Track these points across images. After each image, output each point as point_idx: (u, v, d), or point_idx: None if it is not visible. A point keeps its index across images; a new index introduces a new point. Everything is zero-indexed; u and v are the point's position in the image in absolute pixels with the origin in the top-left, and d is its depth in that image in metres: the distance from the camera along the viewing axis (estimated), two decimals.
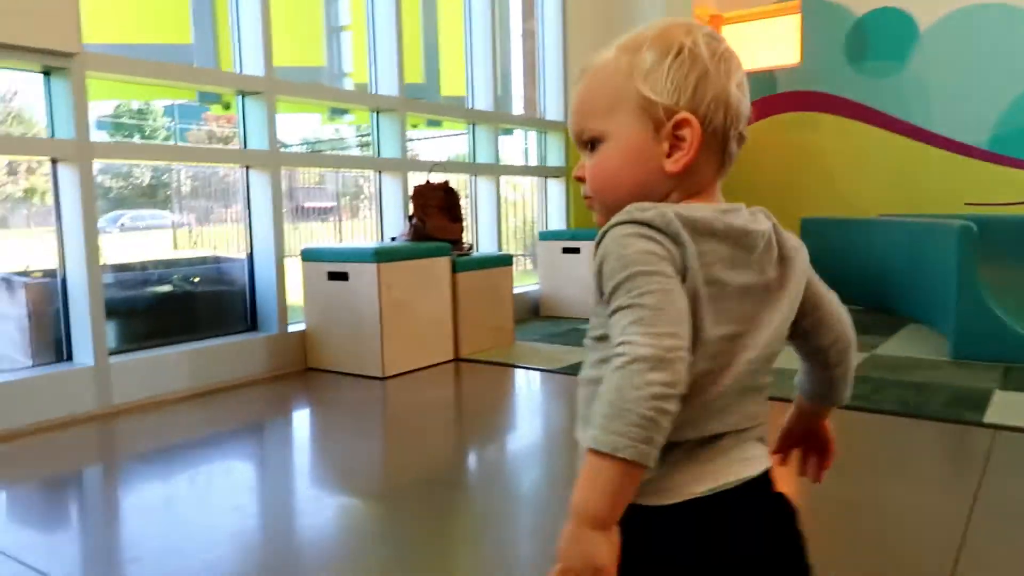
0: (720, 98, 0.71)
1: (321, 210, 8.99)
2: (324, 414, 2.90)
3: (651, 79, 0.71)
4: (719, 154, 0.74)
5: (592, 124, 0.75)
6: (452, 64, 4.74)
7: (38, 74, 2.72)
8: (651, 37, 0.73)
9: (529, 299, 4.85)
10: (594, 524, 0.61)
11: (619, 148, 0.73)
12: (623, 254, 0.66)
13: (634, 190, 0.73)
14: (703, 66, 0.71)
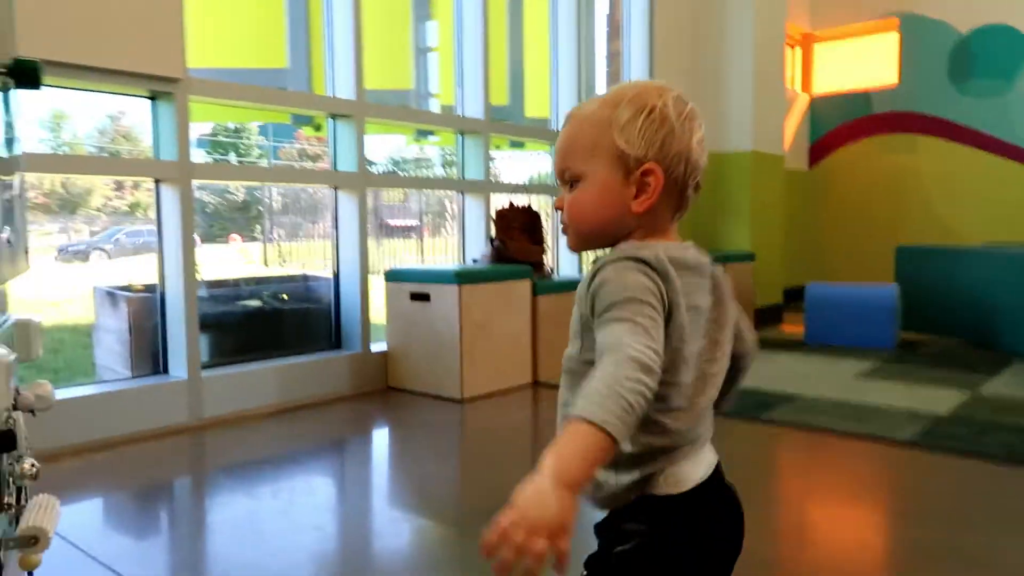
0: (682, 153, 0.84)
1: (404, 228, 9.16)
2: (403, 435, 2.92)
3: (625, 132, 0.84)
4: (677, 200, 0.87)
5: (573, 165, 0.87)
6: (536, 86, 4.76)
7: (146, 98, 2.87)
8: (629, 96, 0.85)
9: None
10: (569, 485, 0.67)
11: (594, 188, 0.86)
12: (624, 282, 0.78)
13: (603, 224, 0.87)
14: (670, 125, 0.84)
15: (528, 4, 4.63)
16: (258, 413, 3.02)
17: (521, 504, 0.67)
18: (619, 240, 0.88)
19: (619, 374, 0.70)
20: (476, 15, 4.01)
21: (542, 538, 0.64)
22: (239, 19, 3.36)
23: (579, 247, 0.92)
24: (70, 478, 2.28)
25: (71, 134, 9.07)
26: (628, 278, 0.78)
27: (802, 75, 6.90)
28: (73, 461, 2.42)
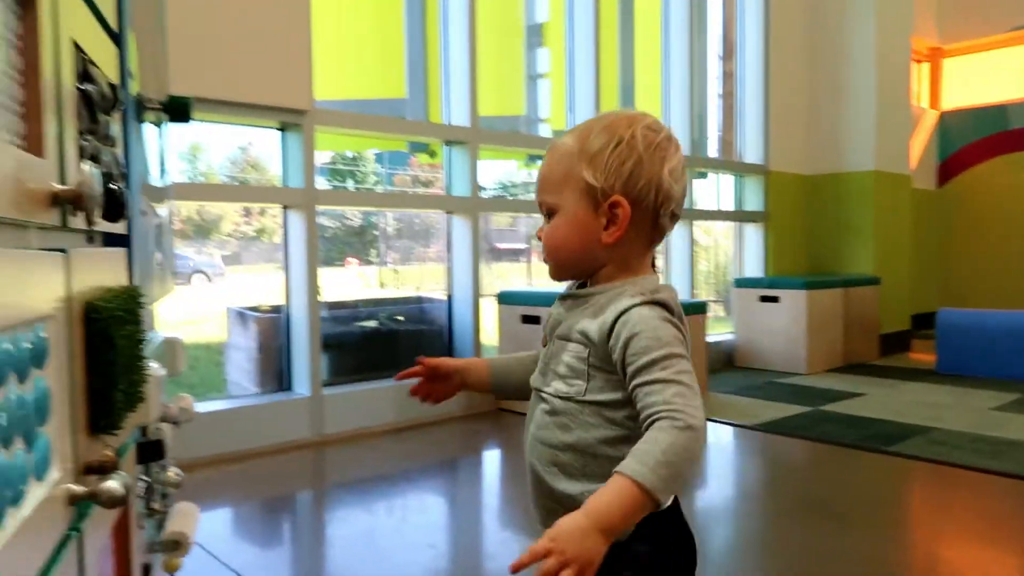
0: (652, 182, 0.85)
1: (513, 251, 9.27)
2: (514, 455, 2.93)
3: (593, 165, 0.86)
4: (650, 230, 0.89)
5: (548, 197, 0.90)
6: (648, 107, 4.73)
7: (276, 129, 3.04)
8: (598, 128, 0.87)
9: (722, 348, 4.66)
10: (606, 533, 0.72)
11: (567, 219, 0.88)
12: (658, 335, 0.81)
13: (578, 254, 0.89)
14: (638, 155, 0.85)
15: (639, 26, 4.63)
16: (375, 431, 3.11)
17: (559, 536, 0.72)
18: (595, 270, 0.90)
19: (679, 444, 0.75)
20: (587, 40, 4.04)
21: (572, 571, 0.70)
22: (361, 52, 3.52)
23: (558, 277, 0.94)
24: (204, 488, 2.42)
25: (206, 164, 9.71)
26: (661, 330, 0.82)
27: (930, 91, 6.54)
28: (207, 471, 2.57)
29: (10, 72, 0.51)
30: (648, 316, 0.82)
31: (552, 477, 0.89)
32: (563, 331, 0.91)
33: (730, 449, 2.99)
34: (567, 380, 0.88)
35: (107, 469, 0.63)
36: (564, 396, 0.88)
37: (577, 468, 0.87)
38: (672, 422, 0.76)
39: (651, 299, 0.83)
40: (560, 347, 0.90)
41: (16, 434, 0.47)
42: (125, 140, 0.87)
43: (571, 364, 0.87)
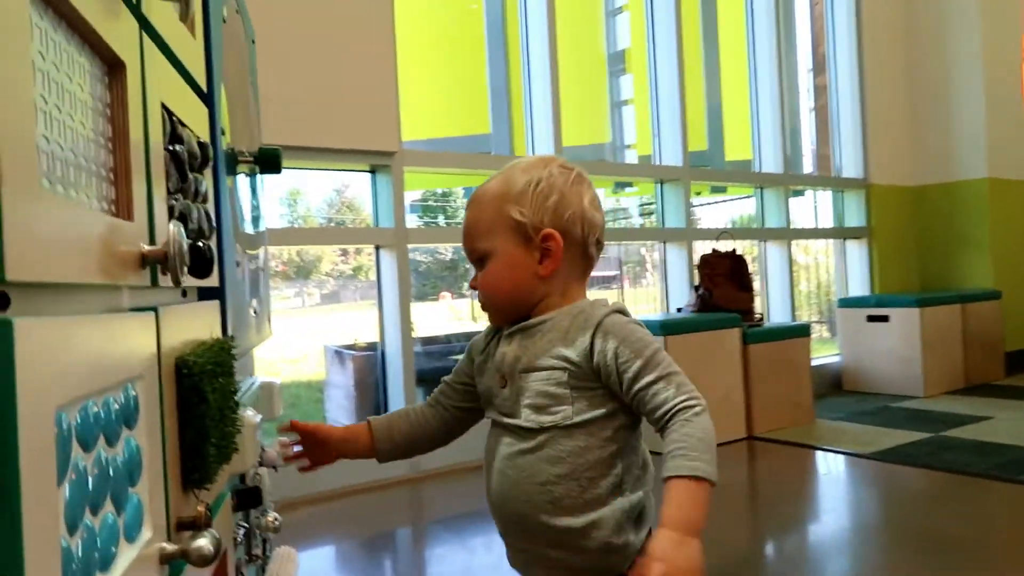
0: (576, 214, 0.92)
1: (604, 279, 9.19)
2: None
3: (520, 203, 0.90)
4: (581, 260, 0.94)
5: (479, 244, 0.93)
6: (736, 127, 4.61)
7: (366, 172, 3.13)
8: (516, 172, 0.93)
9: (828, 372, 4.44)
10: (695, 533, 0.78)
11: (502, 261, 0.92)
12: (637, 337, 0.88)
13: (516, 293, 0.93)
14: (559, 191, 0.91)
15: (724, 45, 4.54)
16: (471, 466, 3.10)
17: (665, 556, 0.76)
18: (535, 306, 0.93)
19: (708, 427, 0.84)
20: (670, 64, 3.99)
21: None
22: (446, 92, 3.60)
23: (500, 320, 0.97)
24: (305, 526, 2.46)
25: (304, 208, 10.13)
26: (638, 332, 0.88)
27: None
28: (308, 510, 2.62)
29: (100, 140, 0.53)
30: (621, 322, 0.88)
31: (550, 516, 0.88)
32: (525, 364, 0.91)
33: (843, 480, 2.82)
34: (547, 410, 0.88)
35: (200, 525, 0.63)
36: (550, 425, 0.88)
37: (575, 497, 0.87)
38: (691, 411, 0.84)
39: (614, 309, 0.90)
40: (527, 380, 0.90)
41: (105, 498, 0.47)
42: (216, 195, 0.89)
43: (548, 392, 0.89)
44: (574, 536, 0.87)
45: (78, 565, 0.42)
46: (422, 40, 3.48)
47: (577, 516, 0.87)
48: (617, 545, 0.89)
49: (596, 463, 0.88)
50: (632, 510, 0.90)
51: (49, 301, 0.44)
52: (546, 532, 0.89)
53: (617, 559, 0.90)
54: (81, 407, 0.44)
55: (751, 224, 4.72)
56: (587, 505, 0.88)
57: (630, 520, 0.90)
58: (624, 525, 0.89)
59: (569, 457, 0.88)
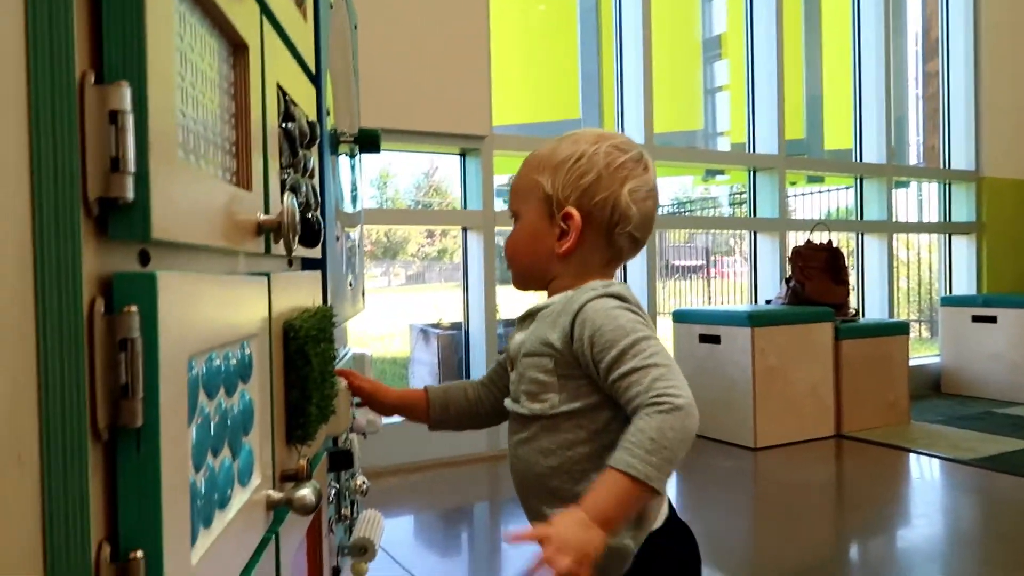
0: (608, 200, 0.86)
1: (689, 268, 9.03)
2: (691, 481, 2.84)
3: (554, 175, 0.87)
4: (605, 248, 0.88)
5: (514, 203, 0.92)
6: (837, 116, 4.45)
7: (456, 155, 3.18)
8: (567, 142, 0.89)
9: (927, 373, 4.25)
10: (603, 525, 0.72)
11: (525, 228, 0.91)
12: (618, 324, 0.80)
13: (532, 262, 0.91)
14: (597, 172, 0.86)
15: (827, 29, 4.37)
16: None
17: (559, 524, 0.71)
18: (550, 282, 0.90)
19: (665, 427, 0.74)
20: (769, 49, 3.87)
21: (569, 558, 0.69)
22: (537, 77, 3.61)
23: (518, 285, 0.95)
24: (389, 495, 2.55)
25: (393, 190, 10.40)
26: (621, 318, 0.80)
27: None
28: (391, 480, 2.71)
29: (224, 116, 0.57)
30: (604, 307, 0.81)
31: (549, 508, 0.83)
32: (526, 348, 0.88)
33: (940, 486, 2.71)
34: (538, 397, 0.85)
35: (301, 478, 0.68)
36: (539, 414, 0.85)
37: (568, 491, 0.83)
38: (657, 407, 0.75)
39: (603, 293, 0.83)
40: (525, 366, 0.87)
41: (223, 443, 0.51)
42: (321, 172, 0.94)
43: (538, 379, 0.85)
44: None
45: (202, 501, 0.46)
46: (515, 25, 3.50)
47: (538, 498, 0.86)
48: (613, 548, 0.80)
49: (587, 457, 0.83)
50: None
51: (180, 261, 0.49)
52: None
53: (614, 563, 0.82)
54: (207, 358, 0.48)
55: (849, 216, 4.55)
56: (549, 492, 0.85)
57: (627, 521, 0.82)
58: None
59: (559, 449, 0.84)
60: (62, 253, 0.36)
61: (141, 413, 0.37)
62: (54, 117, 0.35)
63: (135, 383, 0.37)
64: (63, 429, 0.36)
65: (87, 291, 0.36)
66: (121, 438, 0.38)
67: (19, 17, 0.35)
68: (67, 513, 0.36)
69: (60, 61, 0.35)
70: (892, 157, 4.30)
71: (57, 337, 0.36)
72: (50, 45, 0.35)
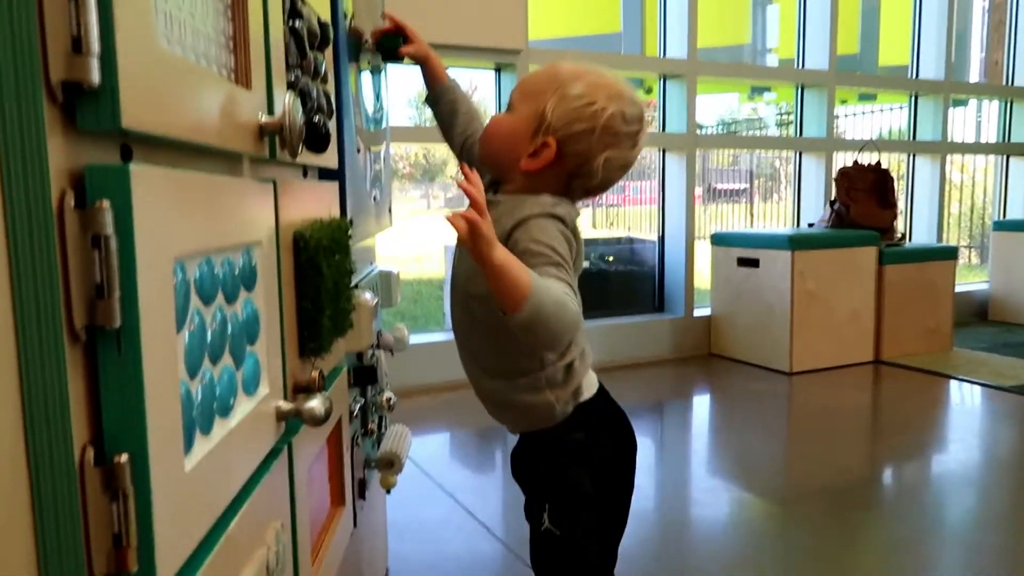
0: (584, 154, 0.92)
1: (733, 192, 8.83)
2: (725, 404, 2.83)
3: (559, 103, 0.91)
4: (559, 185, 0.94)
5: (515, 95, 0.96)
6: (895, 29, 4.20)
7: (490, 71, 3.09)
8: (590, 82, 0.92)
9: (974, 299, 4.13)
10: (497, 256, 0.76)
11: (511, 122, 0.94)
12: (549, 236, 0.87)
13: (500, 154, 0.96)
14: (593, 126, 0.91)
15: None
16: None
17: (487, 225, 0.76)
18: (507, 177, 0.96)
19: (566, 302, 0.80)
20: None
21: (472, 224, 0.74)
22: None
23: (482, 158, 1.01)
24: (421, 413, 2.59)
25: None
26: (555, 239, 0.87)
27: None
28: (423, 398, 2.75)
29: (219, 7, 0.54)
30: (545, 225, 0.87)
31: (481, 376, 0.99)
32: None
33: (980, 412, 2.65)
34: (474, 280, 0.91)
35: (313, 389, 0.67)
36: (473, 294, 0.93)
37: (498, 367, 0.96)
38: (567, 297, 0.81)
39: (550, 212, 0.89)
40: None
41: (223, 350, 0.50)
42: (337, 76, 0.90)
43: (474, 266, 0.87)
44: (498, 394, 0.98)
45: (198, 407, 0.45)
46: None
47: (497, 380, 0.97)
48: (539, 401, 0.95)
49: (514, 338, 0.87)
50: (553, 375, 0.95)
51: (171, 160, 0.46)
52: (480, 388, 1.01)
53: (540, 414, 0.96)
54: (201, 262, 0.46)
55: (902, 138, 4.36)
56: (508, 374, 0.95)
57: (552, 383, 0.94)
58: (540, 386, 0.95)
59: (490, 332, 0.93)
60: (27, 141, 0.33)
61: (119, 313, 0.36)
62: None
63: (111, 282, 0.35)
64: (38, 329, 0.34)
65: (56, 184, 0.34)
66: (101, 339, 0.36)
67: None
68: (48, 415, 0.35)
69: None
70: (951, 73, 4.07)
71: (26, 232, 0.34)
72: None
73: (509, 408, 0.99)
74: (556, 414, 0.96)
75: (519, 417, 0.99)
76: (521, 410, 0.97)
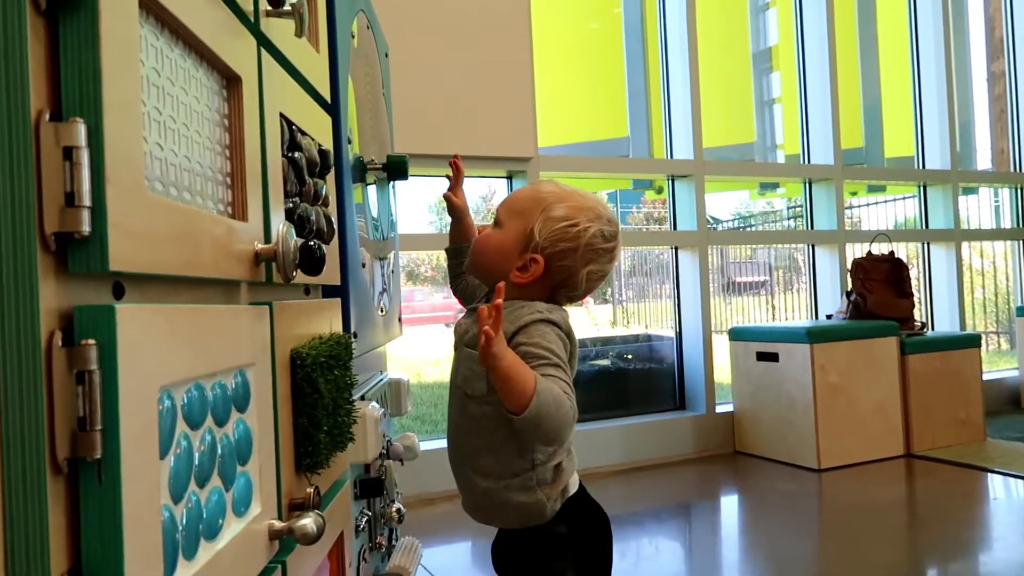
0: (569, 268, 1.02)
1: (753, 284, 8.83)
2: (753, 503, 2.74)
3: (545, 223, 1.01)
4: (545, 293, 1.04)
5: (503, 213, 1.05)
6: (898, 121, 4.30)
7: (503, 178, 3.19)
8: (572, 202, 1.03)
9: (1006, 387, 4.03)
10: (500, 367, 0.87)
11: (500, 238, 1.03)
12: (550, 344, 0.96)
13: (490, 268, 1.05)
14: (577, 244, 1.01)
15: (884, 32, 4.25)
16: (603, 471, 3.08)
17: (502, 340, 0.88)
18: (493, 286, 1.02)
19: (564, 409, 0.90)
20: (821, 59, 3.78)
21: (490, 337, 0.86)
22: (583, 96, 3.60)
23: (470, 270, 1.12)
24: (439, 521, 2.54)
25: None
26: (553, 343, 0.96)
27: None
28: (443, 505, 2.70)
29: (216, 147, 0.58)
30: (544, 331, 0.97)
31: (474, 475, 1.04)
32: (470, 339, 1.02)
33: (1019, 507, 2.55)
34: (471, 383, 1.00)
35: (308, 506, 0.67)
36: (470, 396, 1.01)
37: (492, 468, 1.01)
38: (566, 397, 0.91)
39: (547, 318, 0.98)
40: (466, 354, 1.02)
41: (211, 473, 0.51)
42: (340, 200, 0.95)
43: (474, 369, 0.98)
44: (491, 494, 1.02)
45: (183, 532, 0.46)
46: (559, 44, 3.51)
47: (489, 480, 1.01)
48: (530, 502, 1.01)
49: (493, 429, 0.99)
50: (543, 475, 1.01)
51: (165, 293, 0.49)
52: (474, 490, 1.05)
53: (532, 513, 1.01)
54: (190, 387, 0.48)
55: (915, 226, 4.38)
56: (501, 474, 1.01)
57: (542, 482, 1.01)
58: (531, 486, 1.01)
59: (486, 432, 1.00)
60: (20, 287, 0.36)
61: (100, 445, 0.37)
62: (11, 154, 0.36)
63: (93, 415, 0.37)
64: (22, 461, 0.36)
65: (46, 324, 0.37)
66: (82, 470, 0.38)
67: None
68: (28, 544, 0.36)
69: (15, 99, 0.36)
70: (957, 163, 4.13)
71: (16, 370, 0.36)
72: (6, 83, 0.36)
73: (501, 508, 1.03)
74: (547, 512, 1.02)
75: (512, 516, 1.03)
76: (514, 509, 1.02)
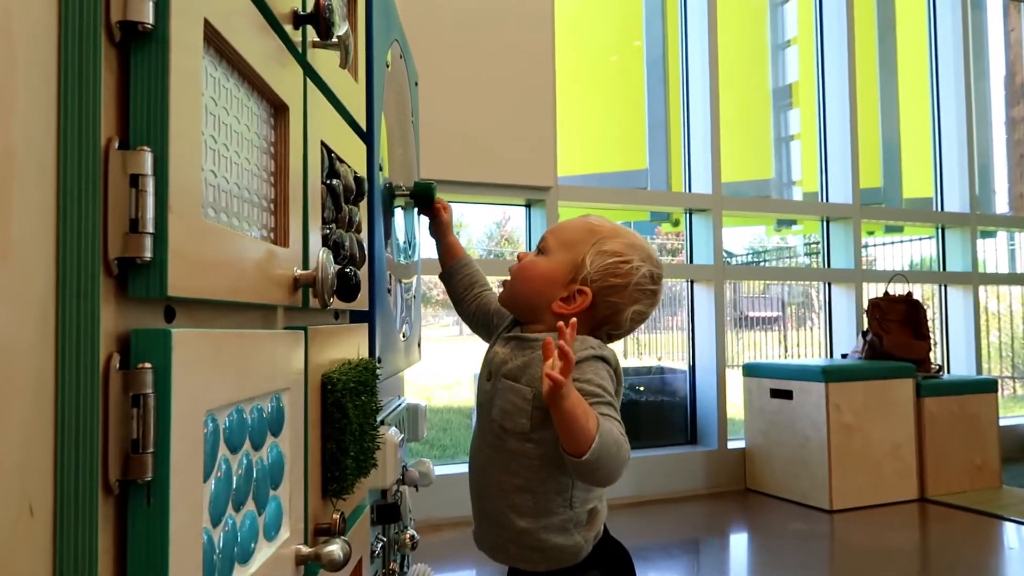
0: (615, 305, 1.01)
1: (765, 319, 8.79)
2: (763, 543, 2.71)
3: (596, 256, 1.01)
4: (588, 327, 1.02)
5: (551, 241, 1.04)
6: (916, 163, 4.30)
7: (522, 206, 3.21)
8: (626, 240, 1.03)
9: (1020, 434, 3.98)
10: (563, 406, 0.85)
11: (545, 267, 1.02)
12: (602, 382, 0.96)
13: (532, 296, 1.03)
14: (626, 282, 1.01)
15: (904, 75, 4.27)
16: (613, 504, 3.05)
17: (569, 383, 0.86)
18: (533, 321, 1.03)
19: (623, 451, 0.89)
20: (841, 97, 3.80)
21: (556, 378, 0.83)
22: (603, 127, 3.63)
23: (504, 302, 1.09)
24: (449, 547, 2.52)
25: (466, 240, 10.59)
26: (605, 380, 0.96)
27: None
28: (452, 532, 2.68)
29: (263, 174, 0.59)
30: (597, 368, 0.96)
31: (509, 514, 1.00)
32: (510, 371, 1.00)
33: None
34: (512, 417, 0.98)
35: (334, 532, 0.67)
36: (509, 430, 0.98)
37: (530, 507, 0.98)
38: (623, 438, 0.90)
39: (599, 355, 0.98)
40: (507, 387, 1.00)
41: (247, 497, 0.52)
42: (371, 226, 0.96)
43: (515, 403, 0.97)
44: (527, 535, 0.99)
45: (220, 555, 0.47)
46: (581, 76, 3.54)
47: (526, 519, 0.99)
48: (567, 545, 0.99)
49: (536, 467, 0.97)
50: (578, 516, 1.00)
51: (210, 317, 0.50)
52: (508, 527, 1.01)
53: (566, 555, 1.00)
54: (231, 412, 0.49)
55: (932, 267, 4.36)
56: (538, 514, 0.99)
57: (579, 524, 1.00)
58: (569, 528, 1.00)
59: (524, 472, 0.98)
60: (82, 311, 0.37)
61: (151, 467, 0.38)
62: (80, 181, 0.37)
63: (146, 438, 0.38)
64: (76, 482, 0.37)
65: (104, 347, 0.38)
66: (132, 492, 0.39)
67: (52, 86, 0.37)
68: (76, 566, 0.37)
69: (87, 127, 0.37)
70: (976, 206, 4.12)
71: (74, 392, 0.37)
72: (79, 112, 0.37)
73: (537, 550, 1.00)
74: (582, 555, 1.00)
75: (545, 559, 1.00)
76: (551, 550, 0.99)
